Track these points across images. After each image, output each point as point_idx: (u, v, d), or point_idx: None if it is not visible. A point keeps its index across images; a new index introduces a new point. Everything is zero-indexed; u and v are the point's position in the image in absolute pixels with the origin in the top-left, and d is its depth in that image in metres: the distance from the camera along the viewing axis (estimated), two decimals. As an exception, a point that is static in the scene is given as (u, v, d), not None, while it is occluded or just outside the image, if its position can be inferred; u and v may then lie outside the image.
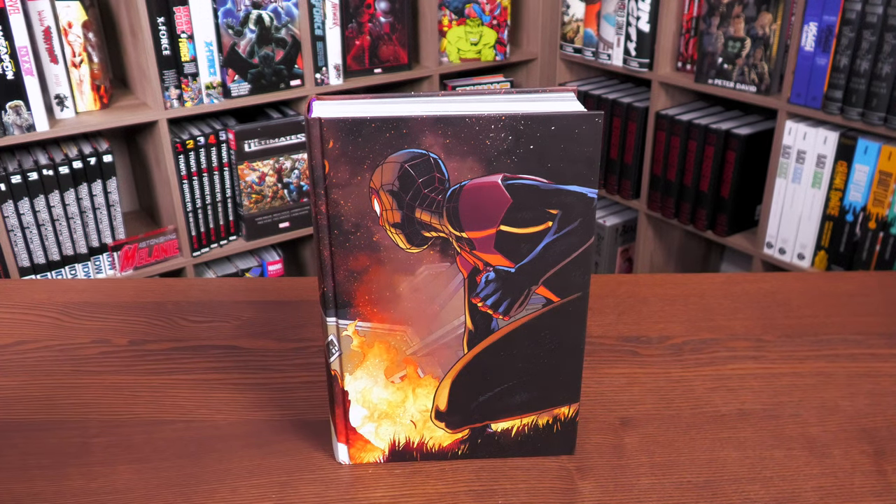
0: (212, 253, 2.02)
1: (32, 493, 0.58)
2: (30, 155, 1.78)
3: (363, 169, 0.51)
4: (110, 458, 0.62)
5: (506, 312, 0.56)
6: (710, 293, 0.85)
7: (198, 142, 1.89)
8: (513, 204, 0.52)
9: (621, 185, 2.20)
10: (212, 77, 1.86)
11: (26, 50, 1.62)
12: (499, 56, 2.27)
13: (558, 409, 0.60)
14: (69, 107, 1.75)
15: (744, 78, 1.82)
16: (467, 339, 0.57)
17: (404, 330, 0.56)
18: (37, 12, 1.65)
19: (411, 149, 0.50)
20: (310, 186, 0.52)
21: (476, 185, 0.51)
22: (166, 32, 1.76)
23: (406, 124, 0.50)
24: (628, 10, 2.01)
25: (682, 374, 0.72)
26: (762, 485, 0.59)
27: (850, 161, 1.66)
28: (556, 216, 0.53)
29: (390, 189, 0.51)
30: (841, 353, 0.75)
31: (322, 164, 0.51)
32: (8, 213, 1.72)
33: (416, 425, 0.60)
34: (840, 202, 1.70)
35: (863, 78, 1.57)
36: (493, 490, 0.59)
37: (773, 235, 1.85)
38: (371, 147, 0.50)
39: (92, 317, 0.81)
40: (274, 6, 1.86)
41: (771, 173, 1.81)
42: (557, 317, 0.56)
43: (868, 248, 1.67)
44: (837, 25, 1.59)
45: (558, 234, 0.53)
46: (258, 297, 0.85)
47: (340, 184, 0.51)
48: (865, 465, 0.61)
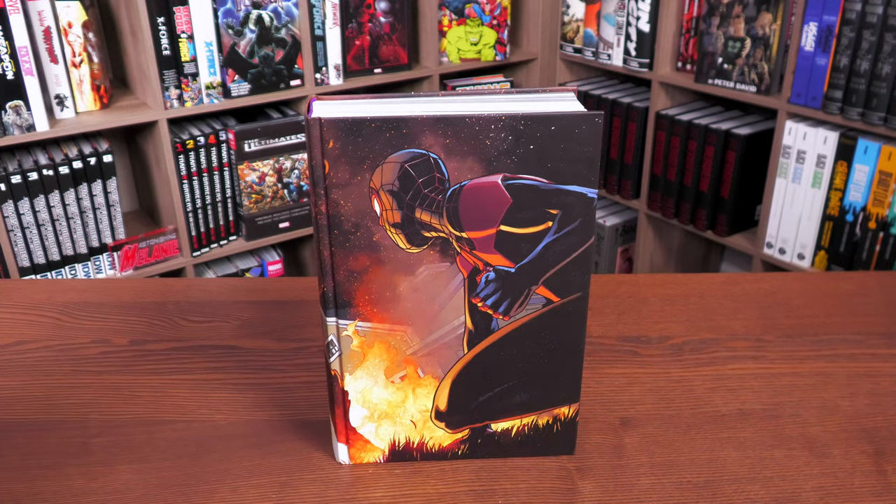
0: (212, 253, 2.02)
1: (32, 493, 0.58)
2: (30, 155, 1.78)
3: (363, 169, 0.51)
4: (110, 458, 0.62)
5: (506, 312, 0.56)
6: (710, 293, 0.85)
7: (198, 142, 1.89)
8: (513, 204, 0.52)
9: (621, 185, 2.20)
10: (212, 77, 1.86)
11: (26, 50, 1.62)
12: (499, 56, 2.27)
13: (558, 409, 0.60)
14: (69, 107, 1.75)
15: (744, 78, 1.82)
16: (467, 339, 0.57)
17: (404, 330, 0.56)
18: (37, 12, 1.65)
19: (411, 149, 0.50)
20: (310, 186, 0.52)
21: (476, 185, 0.51)
22: (166, 32, 1.76)
23: (406, 124, 0.50)
24: (628, 10, 2.01)
25: (682, 374, 0.72)
26: (762, 485, 0.59)
27: (850, 161, 1.66)
28: (556, 216, 0.53)
29: (390, 189, 0.51)
30: (841, 353, 0.75)
31: (322, 164, 0.51)
32: (8, 213, 1.72)
33: (416, 425, 0.60)
34: (840, 202, 1.70)
35: (863, 78, 1.57)
36: (493, 490, 0.59)
37: (773, 235, 1.85)
38: (371, 147, 0.50)
39: (92, 317, 0.81)
40: (274, 6, 1.86)
41: (771, 173, 1.81)
42: (557, 317, 0.56)
43: (868, 248, 1.67)
44: (837, 25, 1.59)
45: (558, 234, 0.53)
46: (258, 297, 0.85)
47: (340, 184, 0.51)
48: (865, 465, 0.61)
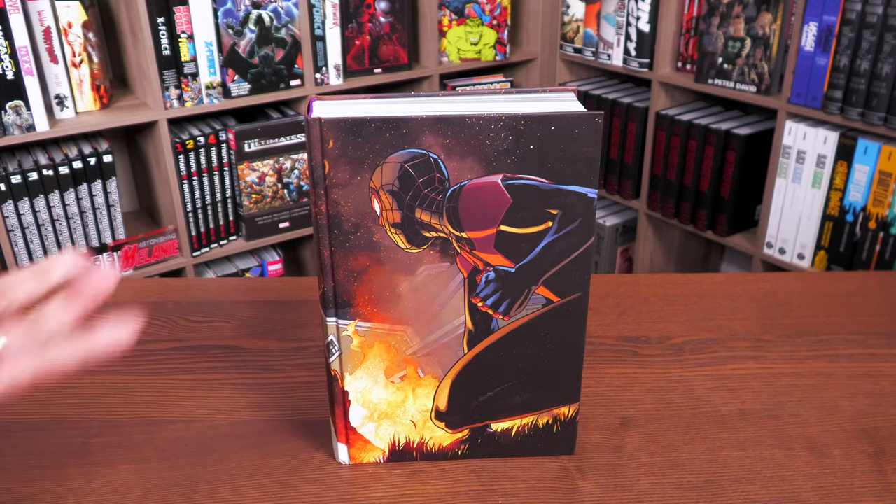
0: (212, 253, 2.02)
1: (32, 493, 0.58)
2: (30, 155, 1.78)
3: (363, 169, 0.51)
4: (110, 458, 0.62)
5: (506, 312, 0.56)
6: (710, 293, 0.85)
7: (198, 142, 1.89)
8: (513, 204, 0.52)
9: (621, 185, 2.20)
10: (212, 77, 1.86)
11: (26, 50, 1.62)
12: (499, 56, 2.27)
13: (558, 409, 0.60)
14: (69, 107, 1.75)
15: (744, 78, 1.82)
16: (467, 339, 0.57)
17: (404, 330, 0.56)
18: (37, 12, 1.65)
19: (411, 149, 0.50)
20: (310, 186, 0.52)
21: (476, 185, 0.51)
22: (166, 32, 1.76)
23: (406, 124, 0.50)
24: (628, 10, 2.01)
25: (682, 374, 0.72)
26: (762, 485, 0.59)
27: (850, 161, 1.66)
28: (556, 216, 0.53)
29: (390, 189, 0.51)
30: (841, 353, 0.75)
31: (322, 164, 0.51)
32: (8, 213, 1.72)
33: (416, 425, 0.60)
34: (840, 202, 1.70)
35: (863, 78, 1.57)
36: (493, 490, 0.59)
37: (773, 235, 1.85)
38: (371, 147, 0.50)
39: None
40: (274, 6, 1.86)
41: (771, 173, 1.81)
42: (557, 317, 0.56)
43: (868, 248, 1.67)
44: (837, 25, 1.59)
45: (558, 234, 0.53)
46: (258, 297, 0.85)
47: (340, 184, 0.51)
48: (865, 465, 0.61)
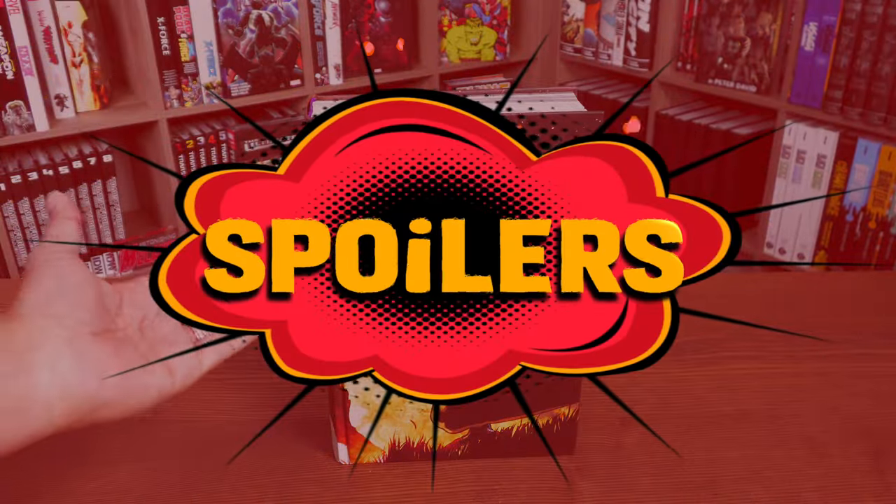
0: (212, 253, 2.01)
1: (32, 492, 0.58)
2: (30, 155, 1.78)
3: (363, 169, 0.51)
4: (110, 458, 0.62)
5: (506, 312, 0.56)
6: (711, 293, 0.85)
7: (198, 142, 1.89)
8: (513, 204, 0.52)
9: (621, 185, 2.20)
10: (212, 77, 1.86)
11: (26, 50, 1.62)
12: (499, 56, 2.27)
13: (558, 409, 0.60)
14: (69, 107, 1.75)
15: (744, 78, 1.82)
16: (467, 339, 0.57)
17: (404, 330, 0.56)
18: (37, 12, 1.65)
19: (411, 149, 0.50)
20: (310, 186, 0.52)
21: (476, 185, 0.51)
22: (166, 32, 1.76)
23: (406, 124, 0.49)
24: (628, 10, 2.01)
25: (682, 374, 0.72)
26: (762, 485, 0.59)
27: (850, 161, 1.66)
28: (556, 216, 0.52)
29: (390, 189, 0.51)
30: (841, 353, 0.75)
31: (322, 164, 0.50)
32: (8, 213, 1.72)
33: (416, 425, 0.60)
34: (840, 202, 1.70)
35: (863, 78, 1.57)
36: (493, 490, 0.59)
37: (773, 235, 1.85)
38: (371, 147, 0.50)
39: (92, 317, 0.81)
40: (274, 6, 1.86)
41: (771, 173, 1.81)
42: (557, 317, 0.56)
43: (868, 248, 1.67)
44: (837, 25, 1.59)
45: (558, 234, 0.53)
46: (258, 297, 0.85)
47: (340, 184, 0.51)
48: (865, 465, 0.61)
